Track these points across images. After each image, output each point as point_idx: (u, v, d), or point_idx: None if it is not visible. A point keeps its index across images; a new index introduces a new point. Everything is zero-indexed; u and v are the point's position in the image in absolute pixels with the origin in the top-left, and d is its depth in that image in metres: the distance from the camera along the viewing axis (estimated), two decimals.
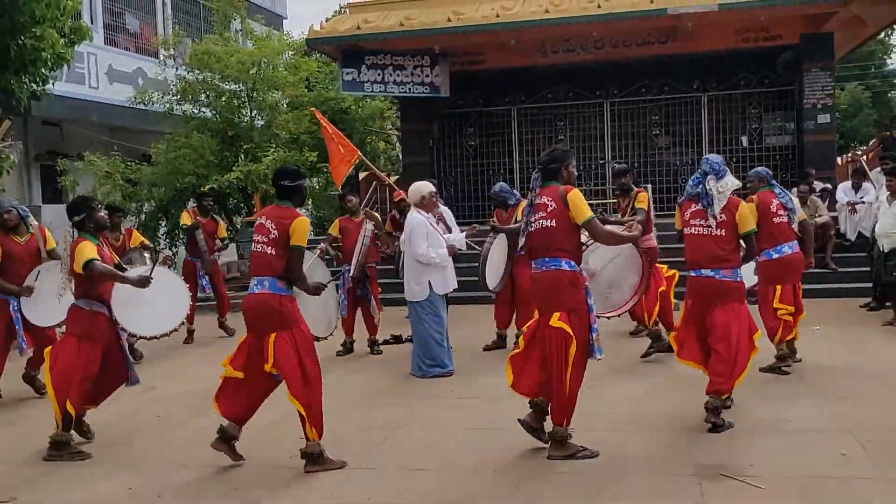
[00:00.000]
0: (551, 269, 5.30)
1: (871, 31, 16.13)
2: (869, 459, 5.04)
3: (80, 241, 5.95)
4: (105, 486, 5.25)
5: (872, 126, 31.80)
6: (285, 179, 5.43)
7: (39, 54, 11.07)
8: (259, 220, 5.39)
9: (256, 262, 5.34)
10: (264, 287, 5.27)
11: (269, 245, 5.27)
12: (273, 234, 5.25)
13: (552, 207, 5.31)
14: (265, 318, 5.28)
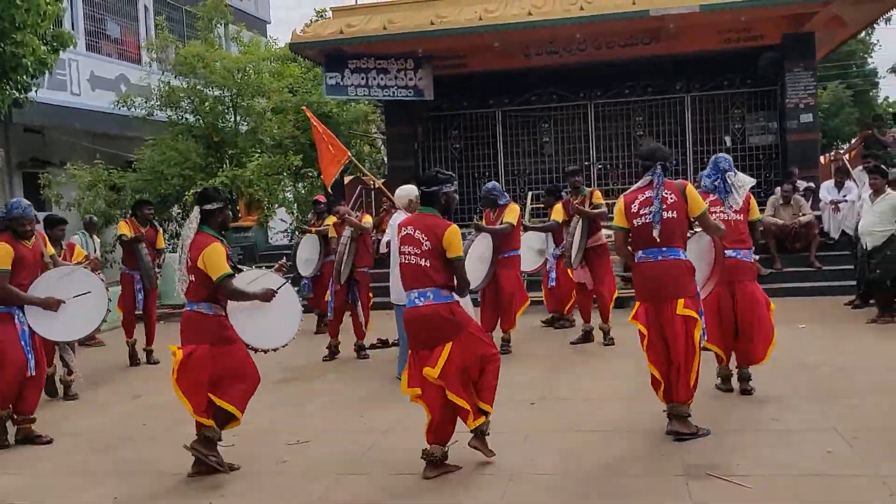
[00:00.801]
0: (670, 258, 5.63)
1: (851, 30, 16.24)
2: (856, 457, 5.07)
3: (212, 242, 5.33)
4: (90, 495, 5.22)
5: (854, 125, 32.03)
6: (424, 185, 5.39)
7: (20, 61, 10.98)
8: (405, 230, 5.30)
9: (411, 274, 5.24)
10: (428, 299, 5.17)
11: (422, 257, 5.18)
12: (426, 245, 5.17)
13: (673, 200, 5.63)
14: (438, 330, 5.17)
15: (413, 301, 5.23)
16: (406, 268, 5.26)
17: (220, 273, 5.25)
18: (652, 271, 5.68)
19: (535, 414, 6.55)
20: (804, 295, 11.84)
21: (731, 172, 6.51)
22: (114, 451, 6.18)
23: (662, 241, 5.61)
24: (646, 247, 5.69)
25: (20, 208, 6.59)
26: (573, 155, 16.72)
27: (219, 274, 5.25)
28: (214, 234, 5.45)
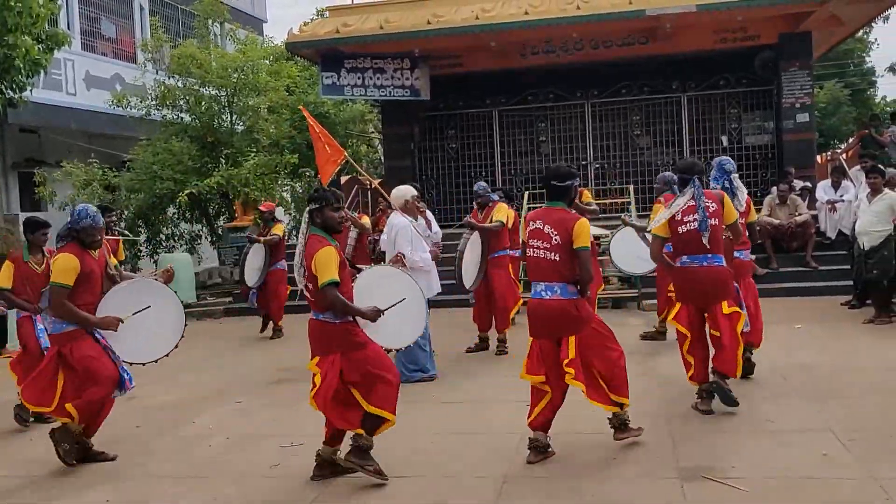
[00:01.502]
0: (715, 264, 6.07)
1: (848, 29, 16.25)
2: (852, 459, 5.04)
3: (323, 246, 4.99)
4: (84, 497, 5.19)
5: (852, 124, 32.02)
6: (555, 179, 5.43)
7: (13, 62, 10.94)
8: (533, 224, 5.39)
9: (540, 268, 5.34)
10: (555, 293, 5.28)
11: (552, 251, 5.27)
12: (555, 239, 5.26)
13: (714, 208, 6.05)
14: (562, 325, 5.30)
15: (539, 293, 5.35)
16: (534, 261, 5.37)
17: (324, 279, 4.91)
18: (699, 276, 6.11)
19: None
20: (801, 295, 11.82)
21: (735, 174, 6.88)
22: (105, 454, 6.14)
23: (710, 248, 6.04)
24: (691, 253, 6.12)
25: (89, 217, 5.79)
26: (570, 154, 16.73)
27: (323, 280, 4.92)
28: (325, 235, 5.12)
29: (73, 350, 5.68)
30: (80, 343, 5.71)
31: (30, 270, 7.00)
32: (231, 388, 8.27)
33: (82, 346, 5.70)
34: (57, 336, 5.79)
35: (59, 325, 5.75)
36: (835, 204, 13.03)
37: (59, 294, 5.61)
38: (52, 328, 5.84)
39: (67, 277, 5.62)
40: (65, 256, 5.66)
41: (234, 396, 7.83)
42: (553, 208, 5.41)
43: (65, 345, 5.72)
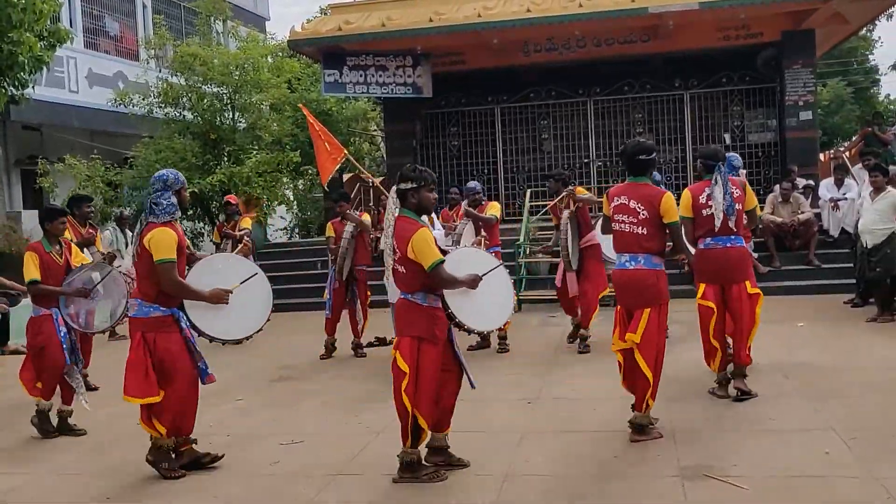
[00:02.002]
0: (738, 245, 6.32)
1: (852, 27, 16.20)
2: (853, 458, 5.02)
3: (418, 229, 4.92)
4: (83, 494, 5.18)
5: (855, 122, 31.96)
6: (642, 154, 5.67)
7: (17, 59, 10.94)
8: (618, 199, 5.66)
9: (625, 240, 5.63)
10: (639, 263, 5.57)
11: (638, 225, 5.55)
12: (643, 214, 5.53)
13: (738, 193, 6.28)
14: (642, 294, 5.57)
15: (623, 264, 5.66)
16: (619, 234, 5.67)
17: (431, 261, 4.86)
18: (722, 256, 6.33)
19: (531, 413, 6.51)
20: (803, 293, 11.80)
21: (743, 171, 7.05)
22: (106, 451, 6.14)
23: (732, 231, 6.31)
24: (714, 235, 6.32)
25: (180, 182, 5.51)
26: (572, 152, 16.73)
27: (430, 262, 4.86)
28: (415, 216, 5.06)
29: (157, 341, 5.34)
30: (166, 335, 5.35)
31: (52, 261, 6.66)
32: (231, 386, 8.26)
33: (167, 339, 5.35)
34: (142, 320, 5.37)
35: (145, 308, 5.34)
36: (837, 202, 12.99)
37: (169, 270, 5.21)
38: (137, 311, 5.38)
39: (172, 251, 5.24)
40: (163, 230, 5.26)
41: (235, 395, 7.82)
42: (637, 183, 5.69)
43: (150, 331, 5.35)
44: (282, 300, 14.04)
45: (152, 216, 5.35)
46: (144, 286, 5.36)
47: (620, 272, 5.68)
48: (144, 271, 5.34)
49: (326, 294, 9.60)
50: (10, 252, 12.96)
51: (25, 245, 13.26)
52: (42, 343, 6.64)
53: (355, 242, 9.35)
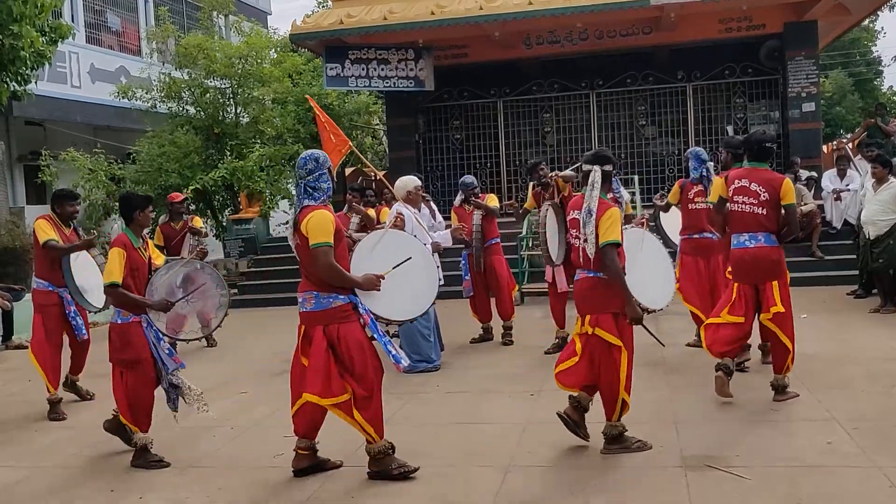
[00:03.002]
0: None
1: (854, 18, 16.17)
2: (855, 448, 5.03)
3: (611, 207, 5.11)
4: (87, 488, 5.21)
5: (858, 113, 31.88)
6: (768, 142, 6.17)
7: (18, 53, 10.94)
8: (739, 182, 6.09)
9: (745, 220, 6.09)
10: (759, 241, 6.06)
11: (759, 206, 6.03)
12: (763, 195, 6.00)
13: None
14: (766, 269, 6.08)
15: (743, 243, 6.12)
16: (738, 215, 6.12)
17: (607, 239, 4.98)
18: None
19: (534, 405, 6.51)
20: (806, 284, 11.75)
21: (711, 164, 7.64)
22: (109, 445, 6.15)
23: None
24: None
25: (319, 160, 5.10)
26: (575, 145, 16.72)
27: (605, 240, 4.98)
28: (606, 197, 5.21)
29: (342, 332, 4.90)
30: (351, 326, 4.92)
31: (140, 259, 5.77)
32: (235, 379, 8.29)
33: (354, 331, 4.93)
34: (320, 313, 4.91)
35: (325, 299, 4.91)
36: (840, 193, 12.97)
37: (326, 254, 4.79)
38: (314, 304, 4.94)
39: (330, 235, 4.82)
40: (321, 213, 4.86)
41: (239, 387, 7.85)
42: (758, 168, 6.15)
43: (332, 323, 4.90)
44: (284, 294, 14.10)
45: (308, 198, 4.95)
46: (316, 274, 4.90)
47: (742, 250, 6.11)
48: (309, 258, 4.90)
49: None
50: (13, 247, 12.98)
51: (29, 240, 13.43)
52: (133, 358, 5.55)
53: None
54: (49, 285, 7.16)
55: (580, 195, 5.26)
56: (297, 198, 5.03)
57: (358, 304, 4.94)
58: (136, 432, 5.55)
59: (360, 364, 4.90)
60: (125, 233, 5.67)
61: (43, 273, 7.19)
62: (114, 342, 5.60)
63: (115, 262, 5.44)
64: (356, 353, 4.90)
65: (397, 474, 4.94)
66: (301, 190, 4.97)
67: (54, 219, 7.22)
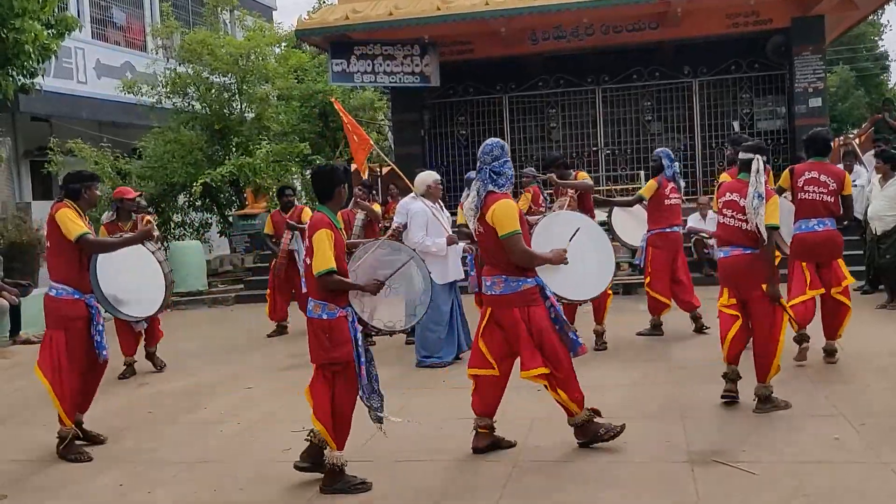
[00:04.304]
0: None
1: (862, 13, 16.11)
2: (862, 444, 5.02)
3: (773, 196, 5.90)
4: (96, 482, 5.22)
5: (864, 108, 31.80)
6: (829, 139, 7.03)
7: (23, 47, 10.94)
8: (809, 174, 6.80)
9: (815, 207, 6.79)
10: (827, 225, 6.81)
11: (828, 194, 6.79)
12: (832, 185, 6.80)
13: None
14: (832, 249, 6.87)
15: (812, 227, 6.82)
16: (810, 203, 6.81)
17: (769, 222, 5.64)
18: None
19: (540, 400, 6.50)
20: None
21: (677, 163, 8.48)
22: (118, 439, 6.17)
23: None
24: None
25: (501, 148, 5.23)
26: (581, 140, 16.70)
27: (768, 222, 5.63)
28: None
29: (532, 316, 5.05)
30: (538, 309, 5.08)
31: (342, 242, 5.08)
32: (243, 373, 8.31)
33: (542, 314, 5.08)
34: (510, 296, 5.06)
35: (516, 282, 5.04)
36: None
37: (518, 242, 4.95)
38: (504, 288, 5.06)
39: (517, 222, 4.97)
40: (506, 202, 5.00)
41: (246, 382, 7.86)
42: (822, 162, 6.91)
43: (524, 305, 5.06)
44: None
45: (492, 184, 5.06)
46: (503, 260, 5.05)
47: (812, 234, 6.80)
48: (494, 245, 5.04)
49: None
50: (20, 242, 13.01)
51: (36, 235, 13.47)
52: (345, 358, 4.84)
53: (364, 232, 9.36)
54: (75, 292, 5.69)
55: (734, 180, 6.02)
56: (479, 182, 5.09)
57: (545, 287, 5.14)
58: (333, 450, 4.83)
59: (549, 347, 5.06)
60: (322, 212, 4.94)
61: (67, 276, 5.72)
62: (320, 340, 4.85)
63: (326, 247, 4.75)
64: (546, 336, 5.06)
65: (605, 435, 5.18)
66: (485, 175, 5.07)
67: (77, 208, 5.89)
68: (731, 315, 5.87)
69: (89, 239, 5.68)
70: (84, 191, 5.86)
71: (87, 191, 5.89)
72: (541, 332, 5.03)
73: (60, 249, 5.70)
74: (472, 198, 5.13)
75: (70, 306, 5.66)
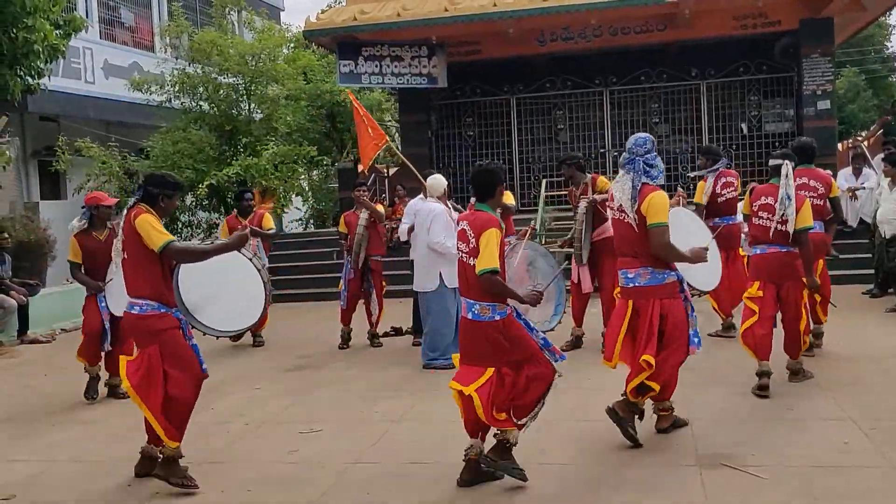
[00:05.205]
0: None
1: (870, 15, 16.04)
2: (872, 448, 5.01)
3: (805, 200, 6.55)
4: (104, 482, 5.22)
5: (872, 111, 31.70)
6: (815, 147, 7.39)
7: (32, 47, 10.97)
8: (799, 179, 6.79)
9: None
10: (815, 228, 6.64)
11: (818, 198, 7.17)
12: (821, 189, 7.20)
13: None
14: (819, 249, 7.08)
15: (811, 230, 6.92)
16: None
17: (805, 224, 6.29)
18: None
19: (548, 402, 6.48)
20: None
21: None
22: (126, 439, 6.17)
23: None
24: None
25: None
26: (588, 142, 16.69)
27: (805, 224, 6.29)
28: None
29: (672, 309, 5.22)
30: (677, 302, 5.27)
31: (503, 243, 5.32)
32: (249, 374, 8.31)
33: (680, 307, 5.27)
34: (654, 288, 5.20)
35: (662, 274, 5.20)
36: (856, 191, 12.89)
37: (664, 233, 5.10)
38: (649, 279, 5.21)
39: (667, 215, 5.15)
40: (661, 194, 5.15)
41: (253, 383, 7.86)
42: (810, 168, 7.26)
43: (665, 298, 5.21)
44: (298, 290, 14.14)
45: (645, 176, 5.19)
46: (648, 252, 5.19)
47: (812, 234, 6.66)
48: (643, 236, 5.16)
49: (341, 285, 9.59)
50: (28, 241, 13.05)
51: (42, 234, 13.51)
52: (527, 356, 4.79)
53: (369, 233, 9.34)
54: (160, 307, 5.06)
55: (767, 184, 6.46)
56: (633, 174, 5.21)
57: (683, 281, 5.35)
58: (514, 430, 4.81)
59: (681, 338, 5.28)
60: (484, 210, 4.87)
61: (150, 290, 5.07)
62: (497, 342, 4.72)
63: (494, 245, 4.66)
64: (681, 328, 5.28)
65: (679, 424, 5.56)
66: (638, 167, 5.21)
67: None
68: (750, 309, 6.40)
69: (177, 247, 5.02)
70: (162, 198, 5.14)
71: (165, 200, 5.16)
72: (675, 325, 5.24)
73: (140, 260, 5.03)
74: (626, 189, 5.22)
75: (159, 319, 5.03)
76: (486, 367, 4.72)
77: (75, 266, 7.32)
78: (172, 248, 4.94)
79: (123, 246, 5.08)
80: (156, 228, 4.94)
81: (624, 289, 5.37)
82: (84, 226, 7.27)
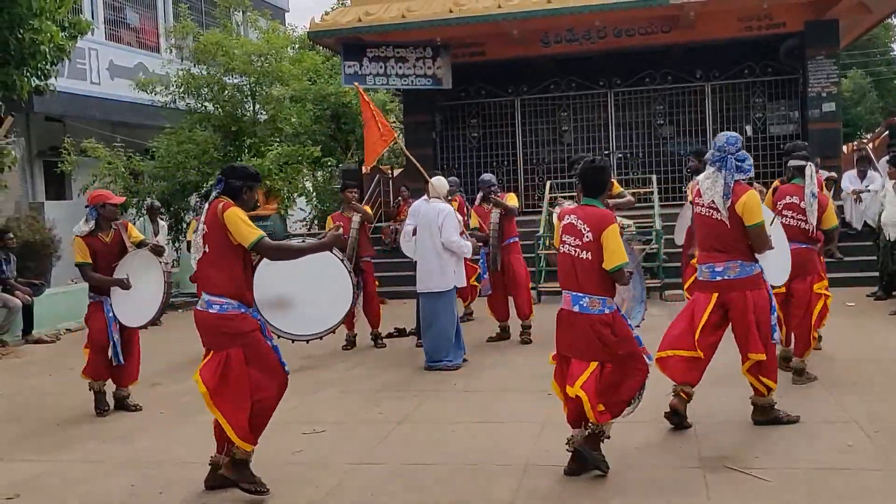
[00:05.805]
0: None
1: (876, 17, 16.02)
2: (876, 450, 5.00)
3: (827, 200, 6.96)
4: (107, 483, 5.23)
5: (878, 113, 31.63)
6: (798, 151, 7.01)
7: (39, 48, 10.99)
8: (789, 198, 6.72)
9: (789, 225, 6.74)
10: None
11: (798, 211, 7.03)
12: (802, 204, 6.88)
13: None
14: None
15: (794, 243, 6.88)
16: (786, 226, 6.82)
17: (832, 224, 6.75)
18: None
19: (552, 404, 6.49)
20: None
21: None
22: (130, 440, 6.19)
23: None
24: None
25: None
26: (592, 144, 16.67)
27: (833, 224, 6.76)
28: None
29: (758, 300, 5.44)
30: (762, 294, 5.49)
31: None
32: None
33: (765, 298, 5.49)
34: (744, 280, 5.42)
35: (751, 267, 5.44)
36: (860, 194, 12.88)
37: (764, 230, 5.43)
38: (738, 272, 5.42)
39: (762, 213, 5.49)
40: (755, 194, 5.47)
41: None
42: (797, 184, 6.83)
43: (750, 289, 5.42)
44: None
45: (739, 172, 5.40)
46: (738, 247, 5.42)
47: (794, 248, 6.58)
48: (733, 232, 5.39)
49: None
50: (33, 241, 13.07)
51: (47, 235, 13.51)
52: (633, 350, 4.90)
53: (360, 234, 9.36)
54: (240, 306, 4.80)
55: (791, 184, 6.72)
56: (725, 172, 5.37)
57: (763, 271, 5.53)
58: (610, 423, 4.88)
59: (765, 329, 5.45)
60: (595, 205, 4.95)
61: (230, 288, 4.79)
62: (605, 336, 4.81)
63: (620, 240, 4.80)
64: (764, 319, 5.44)
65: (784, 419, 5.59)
66: (731, 165, 5.38)
67: None
68: None
69: (271, 244, 4.81)
70: (245, 190, 4.89)
71: (248, 192, 4.93)
72: (761, 315, 5.43)
73: (224, 255, 4.76)
74: (717, 187, 5.39)
75: (243, 320, 4.79)
76: (589, 362, 4.83)
77: (87, 267, 6.81)
78: (265, 244, 4.72)
79: (205, 240, 4.77)
80: (246, 223, 4.71)
81: (709, 282, 5.51)
82: (91, 227, 6.89)
